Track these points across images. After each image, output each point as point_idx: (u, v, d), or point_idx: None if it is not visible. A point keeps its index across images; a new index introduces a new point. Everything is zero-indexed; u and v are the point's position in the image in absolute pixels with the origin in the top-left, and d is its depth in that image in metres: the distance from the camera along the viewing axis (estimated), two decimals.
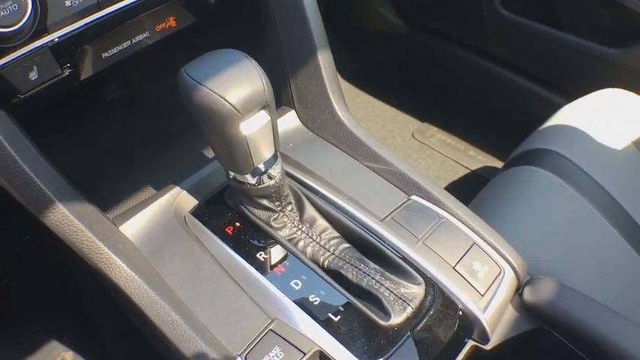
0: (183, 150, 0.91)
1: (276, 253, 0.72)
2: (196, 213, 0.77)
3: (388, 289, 0.67)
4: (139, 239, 0.74)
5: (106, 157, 0.93)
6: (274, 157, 0.68)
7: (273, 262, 0.71)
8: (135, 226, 0.75)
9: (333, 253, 0.72)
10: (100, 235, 0.68)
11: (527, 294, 0.74)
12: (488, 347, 0.71)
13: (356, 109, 1.73)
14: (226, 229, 0.75)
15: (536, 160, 1.04)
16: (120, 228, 0.74)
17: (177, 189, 0.80)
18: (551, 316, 0.73)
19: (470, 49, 1.51)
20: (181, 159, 0.87)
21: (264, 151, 0.66)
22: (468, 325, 0.69)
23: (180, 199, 0.79)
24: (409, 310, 0.66)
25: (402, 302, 0.66)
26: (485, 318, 0.69)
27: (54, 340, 1.26)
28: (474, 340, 0.71)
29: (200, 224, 0.75)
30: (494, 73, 1.49)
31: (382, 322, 0.65)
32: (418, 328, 0.66)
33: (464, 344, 0.70)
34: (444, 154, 1.59)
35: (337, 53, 1.82)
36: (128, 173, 0.90)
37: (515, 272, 0.73)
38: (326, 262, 0.71)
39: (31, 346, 1.24)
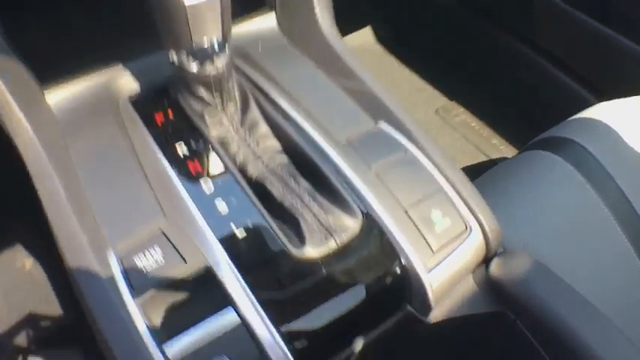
0: (146, 37, 0.79)
1: (198, 150, 0.60)
2: (132, 98, 0.67)
3: (314, 214, 0.54)
4: (61, 108, 0.66)
5: (62, 27, 0.83)
6: (221, 45, 0.56)
7: (190, 159, 0.59)
8: (62, 94, 0.67)
9: (265, 164, 0.59)
10: (16, 92, 0.59)
11: (495, 267, 0.58)
12: (428, 320, 0.56)
13: (383, 75, 1.58)
14: (156, 118, 0.64)
15: (556, 147, 0.91)
16: (45, 92, 0.66)
17: (120, 69, 0.70)
18: (518, 301, 0.57)
19: (513, 34, 1.38)
20: (140, 45, 0.75)
21: (207, 31, 0.55)
22: (407, 285, 0.54)
23: (121, 80, 0.69)
24: (331, 243, 0.52)
25: (325, 232, 0.52)
26: (430, 282, 0.54)
27: (19, 244, 1.24)
28: (410, 306, 0.56)
29: (131, 109, 0.66)
30: (533, 63, 1.36)
31: (292, 251, 0.51)
32: (337, 268, 0.51)
33: (396, 308, 0.56)
34: (465, 137, 1.43)
35: (374, 17, 1.68)
36: (77, 47, 0.79)
37: (485, 237, 0.58)
38: (255, 173, 0.59)
39: None
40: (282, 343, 0.48)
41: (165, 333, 0.48)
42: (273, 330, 0.48)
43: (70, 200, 0.55)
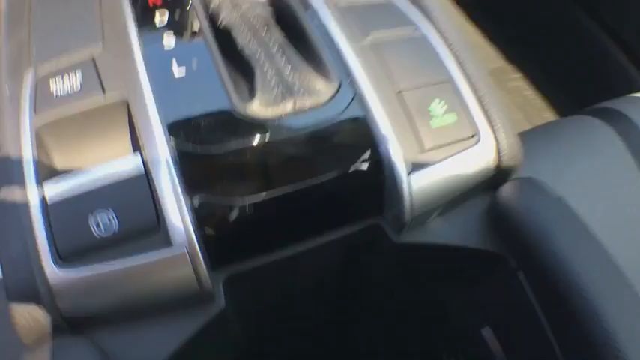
0: None
1: None
2: None
3: (277, 67, 0.41)
4: None
5: None
6: None
7: None
8: None
9: (239, 13, 0.47)
10: None
11: (504, 193, 0.44)
12: (398, 240, 0.43)
13: None
14: None
15: (607, 117, 0.80)
16: None
17: None
18: (526, 243, 0.43)
19: (584, 9, 1.21)
20: None
21: None
22: (379, 183, 0.41)
23: None
24: (288, 104, 0.40)
25: (284, 90, 0.40)
26: (411, 185, 0.40)
27: None
28: (380, 216, 0.43)
29: None
30: (600, 43, 1.21)
31: (235, 103, 0.39)
32: (287, 138, 0.39)
33: (360, 214, 0.43)
34: (517, 104, 1.27)
35: None
36: None
37: (499, 152, 0.44)
38: (225, 20, 0.47)
39: None
40: (188, 221, 0.36)
41: (53, 169, 0.38)
42: (182, 198, 0.36)
43: (7, 17, 0.46)
